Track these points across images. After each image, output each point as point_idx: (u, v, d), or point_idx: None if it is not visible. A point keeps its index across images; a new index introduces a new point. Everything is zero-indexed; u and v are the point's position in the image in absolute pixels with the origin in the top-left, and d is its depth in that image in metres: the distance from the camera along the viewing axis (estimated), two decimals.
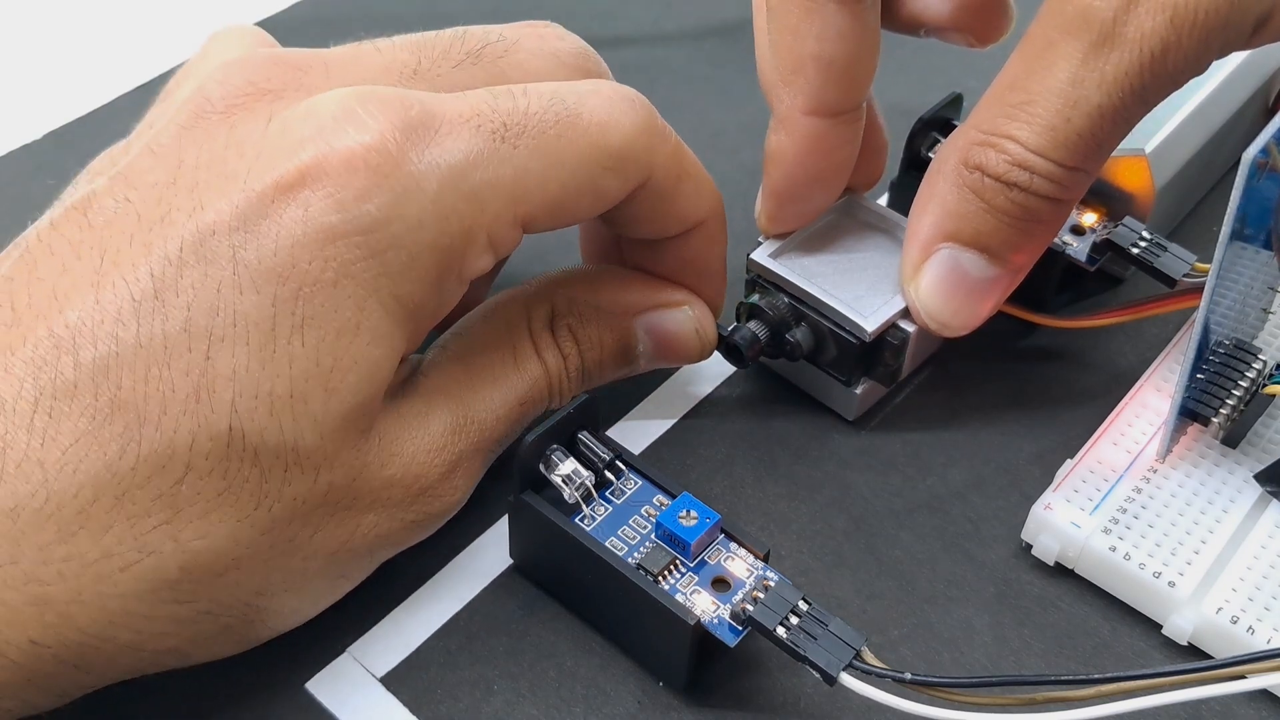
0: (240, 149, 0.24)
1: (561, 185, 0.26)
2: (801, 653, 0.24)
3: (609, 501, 0.27)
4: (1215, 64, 0.35)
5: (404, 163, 0.24)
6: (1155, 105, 0.26)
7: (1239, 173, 0.25)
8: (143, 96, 0.41)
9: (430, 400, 0.26)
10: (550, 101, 0.26)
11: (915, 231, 0.28)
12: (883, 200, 0.35)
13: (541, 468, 0.27)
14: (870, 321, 0.29)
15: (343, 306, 0.23)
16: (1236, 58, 0.35)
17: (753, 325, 0.31)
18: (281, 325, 0.23)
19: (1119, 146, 0.28)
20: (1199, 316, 0.27)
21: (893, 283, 0.30)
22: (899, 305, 0.30)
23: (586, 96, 0.26)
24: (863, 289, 0.30)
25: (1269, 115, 0.38)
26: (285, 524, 0.24)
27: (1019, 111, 0.26)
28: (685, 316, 0.30)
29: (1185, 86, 0.34)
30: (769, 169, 0.30)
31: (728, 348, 0.31)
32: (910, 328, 0.30)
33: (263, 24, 0.44)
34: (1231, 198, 0.25)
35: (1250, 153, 0.25)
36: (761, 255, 0.31)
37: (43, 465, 0.21)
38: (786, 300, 0.30)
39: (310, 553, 0.24)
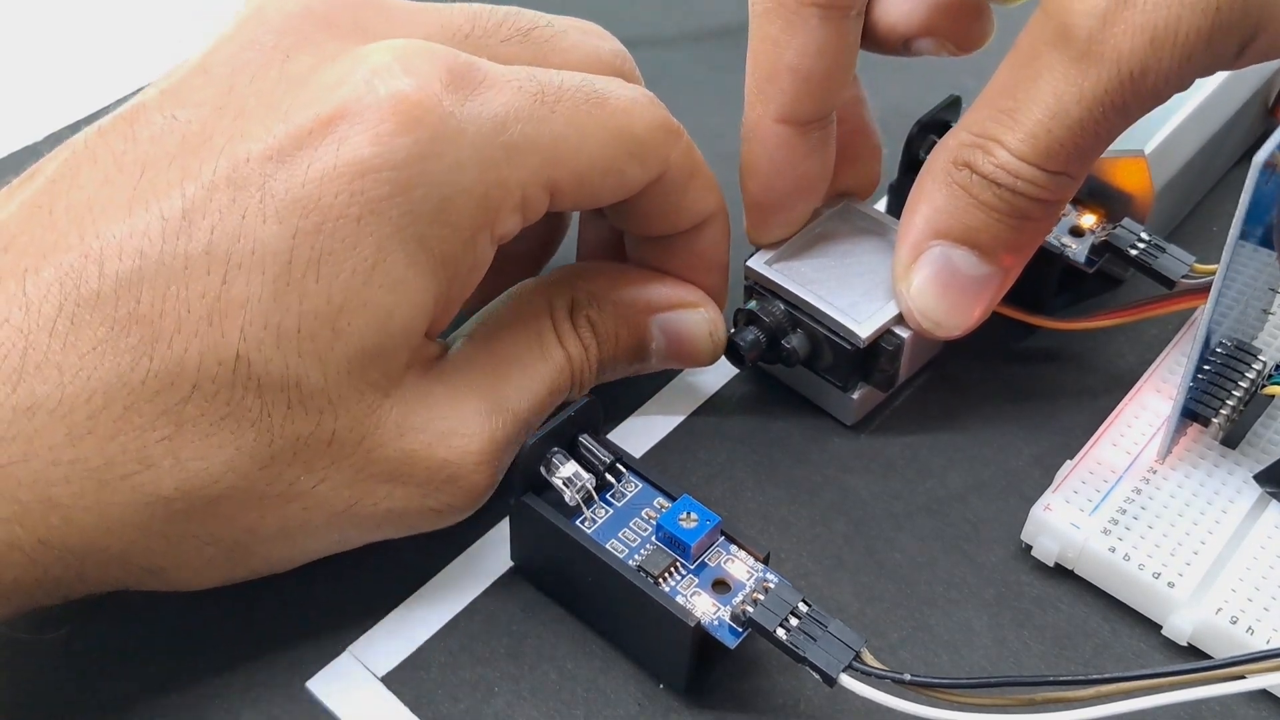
0: (289, 83, 0.24)
1: (591, 159, 0.26)
2: (801, 654, 0.24)
3: (610, 504, 0.27)
4: None
5: (446, 105, 0.24)
6: (1139, 118, 0.26)
7: (1249, 175, 0.25)
8: None
9: (459, 387, 0.26)
10: (582, 82, 0.26)
11: (906, 232, 0.28)
12: (881, 204, 0.35)
13: (542, 470, 0.27)
14: (865, 328, 0.29)
15: (362, 245, 0.23)
16: None
17: (751, 330, 0.31)
18: (298, 258, 0.23)
19: (1119, 147, 0.28)
20: (1204, 317, 0.27)
21: (888, 288, 0.30)
22: (894, 311, 0.30)
23: (613, 85, 0.27)
24: (858, 295, 0.30)
25: (1268, 117, 0.39)
26: (285, 464, 0.24)
27: (1005, 117, 0.26)
28: (701, 318, 0.30)
29: None
30: (744, 181, 0.31)
31: (729, 346, 0.31)
32: (905, 333, 0.30)
33: None
34: (1240, 200, 0.25)
35: (1260, 156, 0.25)
36: (758, 262, 0.31)
37: (60, 369, 0.22)
38: (783, 307, 0.31)
39: (312, 504, 0.24)
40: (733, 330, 0.31)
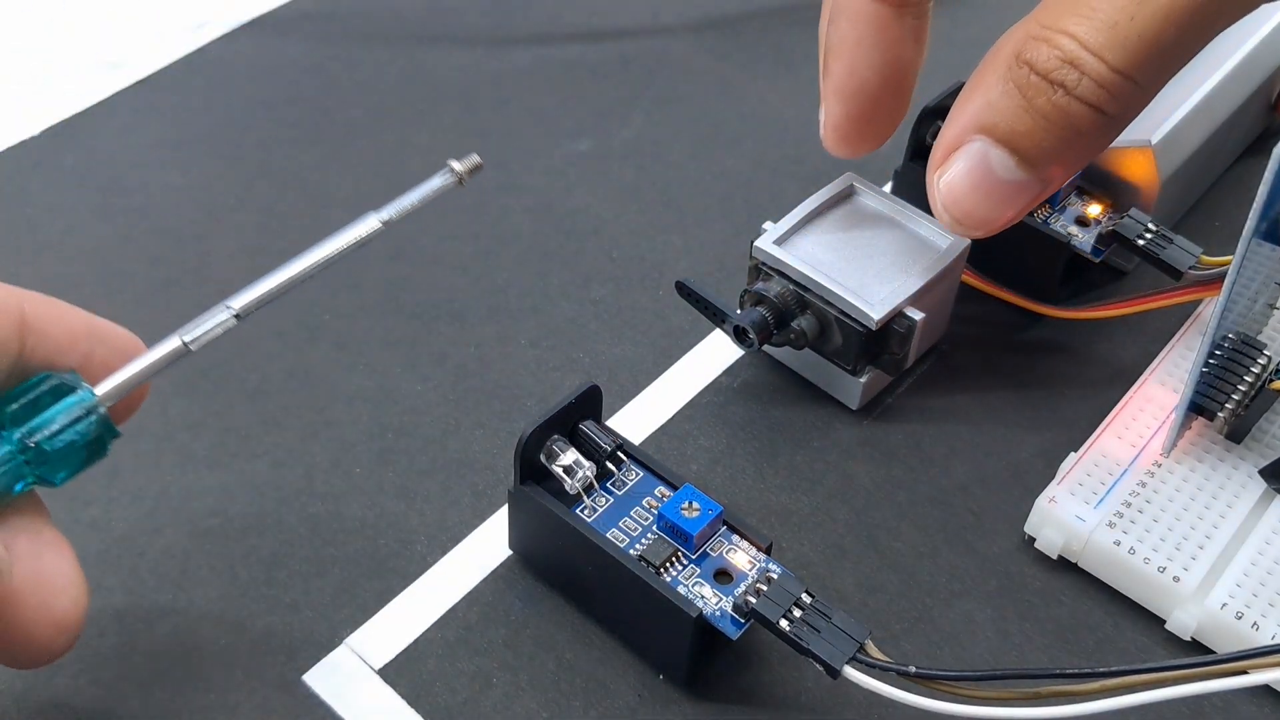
0: None
1: None
2: (805, 645, 0.24)
3: (610, 492, 0.27)
4: (1219, 58, 0.35)
5: None
6: (1223, 25, 0.24)
7: (1269, 167, 0.25)
8: (141, 92, 0.41)
9: None
10: None
11: (952, 119, 0.27)
12: (886, 188, 0.35)
13: (542, 458, 0.26)
14: (877, 309, 0.29)
15: None
16: (1240, 52, 0.35)
17: (758, 312, 0.30)
18: None
19: (1124, 138, 0.27)
20: (1216, 309, 0.27)
21: (899, 270, 0.30)
22: (905, 293, 0.29)
23: None
24: (868, 276, 0.30)
25: (1271, 113, 0.38)
26: None
27: (1081, 5, 0.24)
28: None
29: (1190, 79, 0.34)
30: (829, 64, 0.29)
31: (736, 331, 0.30)
32: (917, 315, 0.30)
33: (262, 19, 0.44)
34: (1260, 191, 0.25)
35: None
36: (765, 242, 0.31)
37: None
38: (791, 288, 0.30)
39: None
40: (739, 311, 0.31)
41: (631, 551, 0.25)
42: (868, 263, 0.30)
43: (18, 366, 0.22)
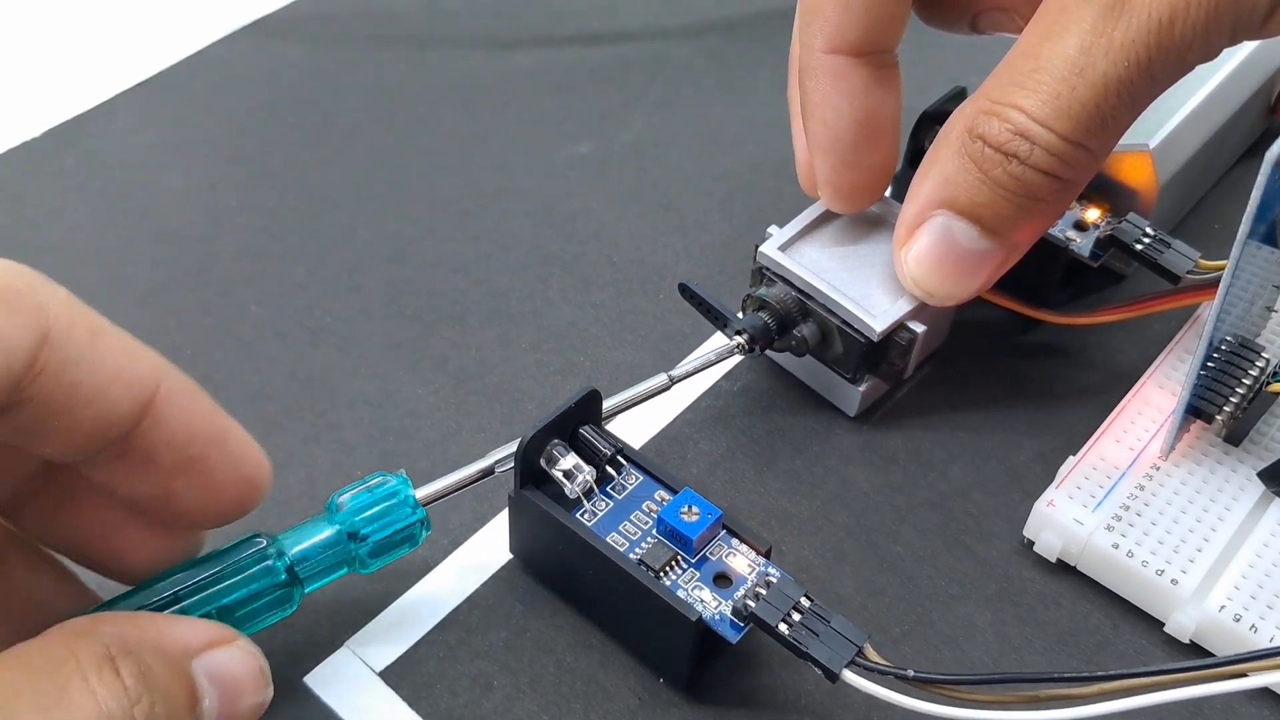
0: None
1: None
2: (804, 649, 0.24)
3: (610, 497, 0.27)
4: (1217, 60, 0.35)
5: None
6: (1162, 87, 0.25)
7: (1261, 171, 0.25)
8: (142, 93, 0.41)
9: None
10: None
11: (912, 197, 0.28)
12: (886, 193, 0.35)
13: (542, 463, 0.26)
14: (879, 321, 0.29)
15: None
16: (1239, 54, 0.35)
17: (760, 317, 0.30)
18: None
19: (1123, 142, 0.27)
20: (1211, 312, 0.27)
21: None
22: (908, 305, 0.29)
23: None
24: (872, 286, 0.30)
25: (1270, 115, 0.38)
26: None
27: (1026, 79, 0.25)
28: (243, 651, 0.23)
29: (1188, 82, 0.34)
30: (807, 125, 0.29)
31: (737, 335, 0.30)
32: (919, 328, 0.30)
33: (263, 20, 0.44)
34: (1252, 196, 0.25)
35: (1274, 152, 0.24)
36: (770, 248, 0.31)
37: None
38: (794, 294, 0.30)
39: None
40: (741, 315, 0.31)
41: (631, 555, 0.26)
42: (871, 272, 0.30)
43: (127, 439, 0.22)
